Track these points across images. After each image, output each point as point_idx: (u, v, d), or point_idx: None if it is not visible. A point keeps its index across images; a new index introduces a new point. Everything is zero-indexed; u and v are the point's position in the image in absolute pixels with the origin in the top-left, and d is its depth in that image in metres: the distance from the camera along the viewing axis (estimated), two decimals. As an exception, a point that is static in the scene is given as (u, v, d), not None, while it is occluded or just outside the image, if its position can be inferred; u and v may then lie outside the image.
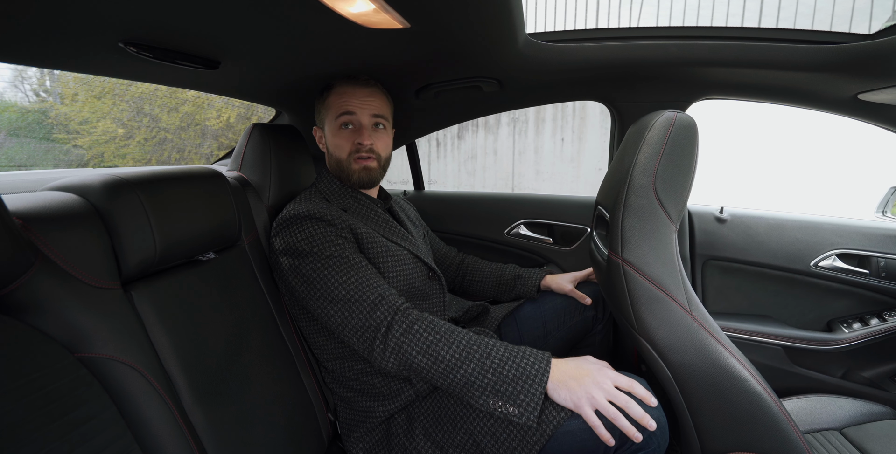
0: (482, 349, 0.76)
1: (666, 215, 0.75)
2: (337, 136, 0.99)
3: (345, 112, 0.97)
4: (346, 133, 0.99)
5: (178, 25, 0.67)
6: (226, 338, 0.79)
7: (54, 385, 0.51)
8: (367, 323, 0.79)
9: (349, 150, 0.98)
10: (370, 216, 1.00)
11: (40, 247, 0.56)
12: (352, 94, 0.98)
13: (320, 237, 0.86)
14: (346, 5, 0.60)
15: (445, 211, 1.62)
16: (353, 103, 0.97)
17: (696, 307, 0.75)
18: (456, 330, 0.79)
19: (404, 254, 0.98)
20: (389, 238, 0.98)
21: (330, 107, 0.99)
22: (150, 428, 0.60)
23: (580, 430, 0.77)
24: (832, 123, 2.62)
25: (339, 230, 0.88)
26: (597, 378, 0.74)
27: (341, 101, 0.98)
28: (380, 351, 0.78)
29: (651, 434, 0.75)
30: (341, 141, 0.99)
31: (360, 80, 0.99)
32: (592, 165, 5.23)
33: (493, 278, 1.26)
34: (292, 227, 0.88)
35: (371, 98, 0.99)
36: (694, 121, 0.77)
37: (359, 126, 0.98)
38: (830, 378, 1.24)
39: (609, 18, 5.23)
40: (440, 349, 0.76)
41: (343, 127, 0.98)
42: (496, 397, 0.73)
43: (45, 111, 5.27)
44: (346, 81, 0.99)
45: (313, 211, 0.89)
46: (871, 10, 4.39)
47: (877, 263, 1.24)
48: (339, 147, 0.99)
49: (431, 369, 0.76)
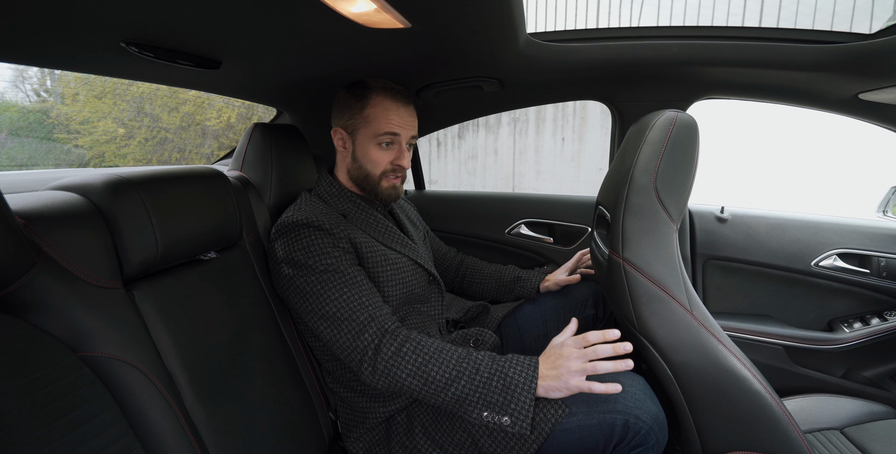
0: (471, 365, 0.77)
1: (667, 215, 0.75)
2: (374, 151, 0.96)
3: (390, 132, 0.95)
4: (386, 151, 0.97)
5: (180, 25, 0.67)
6: (227, 338, 0.79)
7: (56, 384, 0.51)
8: (355, 344, 0.80)
9: (384, 168, 0.97)
10: (369, 222, 0.99)
11: (42, 247, 0.57)
12: (397, 113, 0.95)
13: (317, 248, 0.85)
14: (348, 5, 0.60)
15: (446, 210, 1.62)
16: (398, 123, 0.95)
17: (697, 306, 0.75)
18: (444, 348, 0.80)
19: (403, 262, 0.97)
20: (389, 245, 0.98)
21: (370, 120, 0.95)
22: (151, 427, 0.60)
23: (578, 428, 0.78)
24: (832, 123, 2.62)
25: (338, 240, 0.87)
26: (563, 353, 0.77)
27: (386, 117, 0.94)
28: (368, 373, 0.79)
29: (650, 429, 0.76)
30: (379, 157, 0.96)
31: (401, 94, 0.96)
32: (593, 165, 5.23)
33: (493, 280, 1.26)
34: (290, 235, 0.88)
35: (411, 118, 0.98)
36: (695, 120, 0.77)
37: (399, 146, 0.97)
38: (831, 377, 1.24)
39: (609, 18, 5.23)
40: (430, 370, 0.77)
41: (384, 145, 0.96)
42: (488, 409, 0.74)
43: (46, 111, 5.28)
44: (389, 94, 0.95)
45: (311, 219, 0.88)
46: (871, 10, 4.38)
47: (877, 263, 1.24)
48: (374, 163, 0.97)
49: (422, 390, 0.77)
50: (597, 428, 0.78)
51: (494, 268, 1.29)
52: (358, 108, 0.95)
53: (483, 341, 1.01)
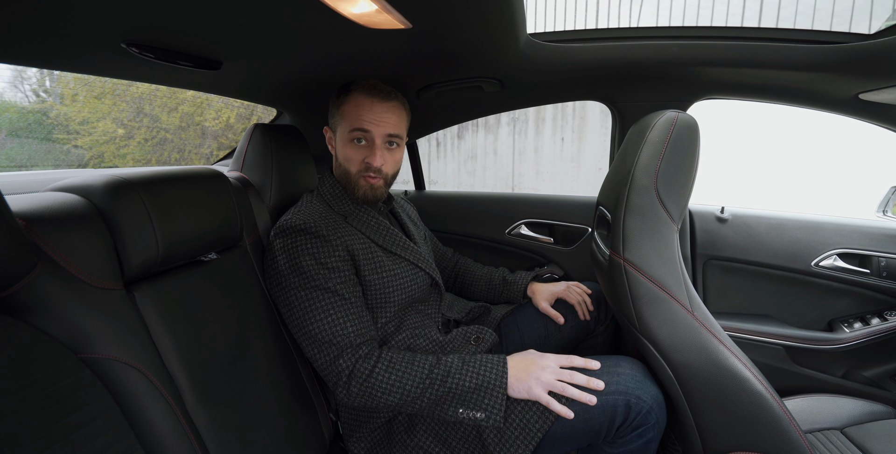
0: (442, 370, 0.81)
1: (667, 215, 0.75)
2: (347, 148, 0.95)
3: (359, 128, 0.92)
4: (358, 148, 0.95)
5: (180, 26, 0.67)
6: (228, 339, 0.79)
7: (57, 386, 0.51)
8: (331, 368, 0.82)
9: (358, 167, 0.95)
10: (371, 224, 0.98)
11: (43, 248, 0.56)
12: (369, 109, 0.92)
13: (312, 258, 0.85)
14: (348, 6, 0.60)
15: (446, 211, 1.62)
16: (368, 119, 0.92)
17: (698, 307, 0.75)
18: (415, 359, 0.83)
19: (404, 266, 0.97)
20: (390, 248, 0.97)
21: (344, 116, 0.94)
22: (152, 428, 0.60)
23: (582, 411, 0.81)
24: (832, 123, 2.62)
25: (333, 248, 0.87)
26: (541, 363, 0.83)
27: (357, 113, 0.92)
28: (343, 395, 0.82)
29: (650, 409, 0.79)
30: (351, 154, 0.95)
31: (380, 91, 0.93)
32: (592, 165, 5.23)
33: (483, 282, 1.26)
34: (287, 240, 0.88)
35: (388, 114, 0.93)
36: (695, 121, 0.77)
37: (371, 143, 0.94)
38: (831, 377, 1.24)
39: (609, 18, 5.23)
40: (404, 383, 0.80)
41: (355, 141, 0.94)
42: (462, 407, 0.80)
43: (46, 111, 5.28)
44: (366, 91, 0.93)
45: (309, 224, 0.88)
46: (871, 10, 4.39)
47: (877, 263, 1.24)
48: (348, 160, 0.96)
49: (399, 402, 0.81)
50: (599, 410, 0.80)
51: (485, 271, 1.28)
52: (337, 105, 0.96)
53: (483, 339, 1.01)
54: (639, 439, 0.81)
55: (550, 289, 1.16)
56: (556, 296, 1.15)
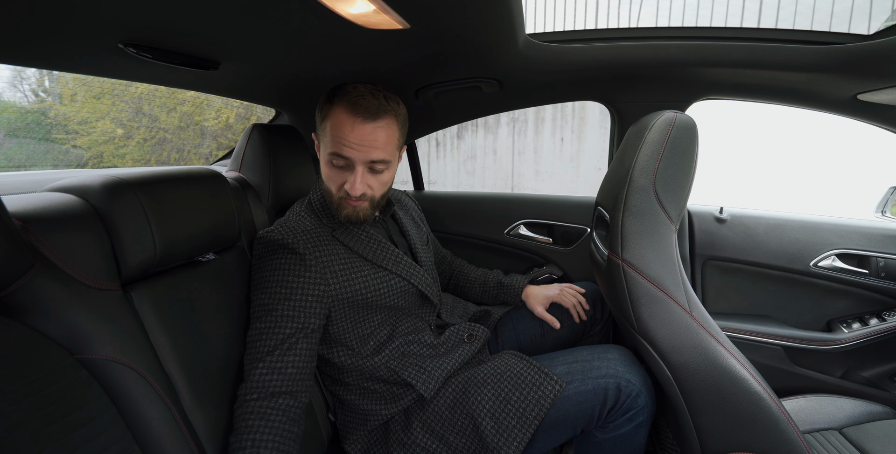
0: None
1: (666, 215, 0.75)
2: (327, 167, 0.86)
3: (337, 153, 0.82)
4: (339, 171, 0.85)
5: (178, 26, 0.67)
6: (226, 340, 0.79)
7: (54, 386, 0.51)
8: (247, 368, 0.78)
9: (338, 191, 0.86)
10: (360, 238, 0.92)
11: (40, 249, 0.56)
12: (351, 130, 0.80)
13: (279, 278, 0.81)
14: (346, 6, 0.60)
15: (445, 211, 1.62)
16: (349, 143, 0.80)
17: (696, 307, 0.75)
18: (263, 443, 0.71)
19: (392, 283, 0.92)
20: (379, 262, 0.91)
21: (326, 132, 0.83)
22: (149, 429, 0.60)
23: (575, 394, 0.84)
24: (832, 123, 2.62)
25: (306, 268, 0.82)
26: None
27: (338, 135, 0.81)
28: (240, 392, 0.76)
29: (640, 391, 0.83)
30: (332, 176, 0.86)
31: (365, 109, 0.80)
32: (592, 165, 5.23)
33: (477, 285, 1.25)
34: (265, 253, 0.86)
35: (373, 136, 0.81)
36: (694, 121, 0.77)
37: (352, 170, 0.83)
38: (830, 378, 1.24)
39: (609, 18, 5.23)
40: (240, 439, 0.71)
41: (334, 164, 0.84)
42: None
43: (44, 111, 5.27)
44: (349, 107, 0.80)
45: (288, 240, 0.83)
46: (870, 11, 4.39)
47: (876, 263, 1.24)
48: (329, 180, 0.87)
49: None
50: (592, 393, 0.84)
51: (479, 273, 1.27)
52: (321, 116, 0.85)
53: (476, 337, 1.01)
54: (629, 423, 0.84)
55: (545, 293, 1.15)
56: (551, 300, 1.14)
